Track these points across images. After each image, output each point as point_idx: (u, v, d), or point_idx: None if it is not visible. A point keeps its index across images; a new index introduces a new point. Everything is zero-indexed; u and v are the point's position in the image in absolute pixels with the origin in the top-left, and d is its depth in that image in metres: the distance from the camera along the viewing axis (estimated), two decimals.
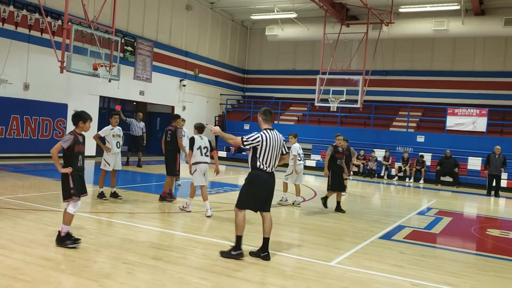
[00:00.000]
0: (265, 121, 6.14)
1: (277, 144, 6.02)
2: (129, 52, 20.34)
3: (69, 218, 5.97)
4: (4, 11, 15.34)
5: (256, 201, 6.02)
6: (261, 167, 5.97)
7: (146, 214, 8.52)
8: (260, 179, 5.99)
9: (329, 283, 5.27)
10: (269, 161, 5.98)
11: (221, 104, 27.28)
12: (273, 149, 5.98)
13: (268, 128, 6.10)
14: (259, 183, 5.99)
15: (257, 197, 6.01)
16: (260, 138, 5.94)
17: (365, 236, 7.97)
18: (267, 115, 6.15)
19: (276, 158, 6.07)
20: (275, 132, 6.09)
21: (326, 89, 20.55)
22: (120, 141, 9.82)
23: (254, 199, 6.01)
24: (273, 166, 6.06)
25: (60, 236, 5.94)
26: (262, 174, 5.98)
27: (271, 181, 6.08)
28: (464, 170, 19.16)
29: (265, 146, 5.93)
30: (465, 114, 20.69)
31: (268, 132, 6.03)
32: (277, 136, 6.09)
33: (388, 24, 20.59)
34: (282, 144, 6.13)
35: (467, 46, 23.84)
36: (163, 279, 4.99)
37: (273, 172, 6.10)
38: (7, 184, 10.83)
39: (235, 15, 27.50)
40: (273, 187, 6.13)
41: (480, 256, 7.37)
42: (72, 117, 6.37)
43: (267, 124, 6.14)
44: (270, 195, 6.14)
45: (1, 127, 15.37)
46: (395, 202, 13.79)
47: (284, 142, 6.22)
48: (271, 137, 6.00)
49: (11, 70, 15.58)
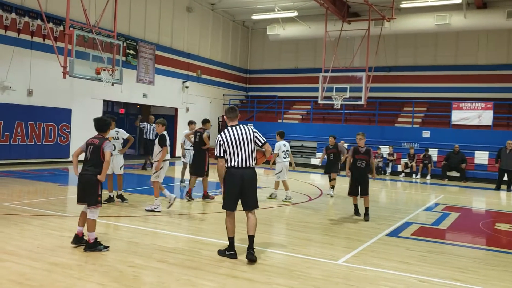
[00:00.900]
0: (228, 119, 6.13)
1: (243, 138, 5.93)
2: (131, 56, 20.38)
3: (94, 224, 6.13)
4: (7, 18, 15.40)
5: (232, 199, 5.95)
6: (230, 163, 5.92)
7: (151, 217, 8.52)
8: (230, 176, 5.93)
9: (336, 282, 5.24)
10: (237, 157, 5.90)
11: (224, 105, 27.26)
12: (239, 143, 5.90)
13: (232, 125, 6.07)
14: (229, 179, 5.93)
15: (231, 195, 5.93)
16: (220, 138, 5.97)
17: (372, 233, 7.93)
18: (229, 113, 6.16)
19: (247, 152, 5.94)
20: (239, 127, 6.02)
21: (329, 86, 20.46)
22: (116, 143, 9.53)
23: (230, 198, 5.95)
24: (246, 161, 5.93)
25: (90, 243, 6.02)
26: (231, 171, 5.92)
27: (245, 176, 5.93)
28: (471, 164, 19.04)
29: (227, 143, 5.90)
30: (470, 108, 20.56)
31: (229, 129, 6.01)
32: (243, 130, 6.00)
33: (389, 20, 20.49)
34: (251, 136, 6.00)
35: (470, 40, 23.70)
36: (169, 281, 4.98)
37: (248, 167, 5.95)
38: (13, 190, 10.86)
39: (236, 15, 27.49)
40: (248, 182, 5.96)
41: (488, 251, 7.31)
42: (104, 125, 6.48)
43: (231, 121, 6.11)
44: (247, 191, 5.97)
45: (6, 133, 15.44)
46: (402, 199, 13.72)
47: (257, 134, 6.08)
48: (233, 133, 5.95)
49: (14, 76, 15.64)
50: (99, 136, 6.36)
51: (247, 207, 6.03)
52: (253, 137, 6.03)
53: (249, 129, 6.08)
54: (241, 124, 6.09)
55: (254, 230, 5.95)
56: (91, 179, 6.08)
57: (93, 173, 6.09)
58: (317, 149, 22.26)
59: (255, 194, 6.09)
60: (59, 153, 17.14)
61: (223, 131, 6.00)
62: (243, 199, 5.99)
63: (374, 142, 21.12)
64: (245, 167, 5.93)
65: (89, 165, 6.16)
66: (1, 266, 5.25)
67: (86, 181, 6.10)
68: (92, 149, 6.19)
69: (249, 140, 5.98)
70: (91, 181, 6.07)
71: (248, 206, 6.03)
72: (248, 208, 6.03)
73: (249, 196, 6.01)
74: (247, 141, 5.96)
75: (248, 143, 5.97)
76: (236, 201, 5.98)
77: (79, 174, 6.23)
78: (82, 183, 6.14)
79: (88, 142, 6.31)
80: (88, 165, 6.17)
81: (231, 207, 5.99)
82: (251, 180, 6.01)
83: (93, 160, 6.15)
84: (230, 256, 5.93)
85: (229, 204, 5.99)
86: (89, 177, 6.10)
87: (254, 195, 6.07)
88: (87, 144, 6.31)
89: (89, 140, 6.33)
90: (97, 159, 6.14)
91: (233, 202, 5.98)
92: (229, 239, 5.99)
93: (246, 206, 6.03)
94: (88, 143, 6.30)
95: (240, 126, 6.03)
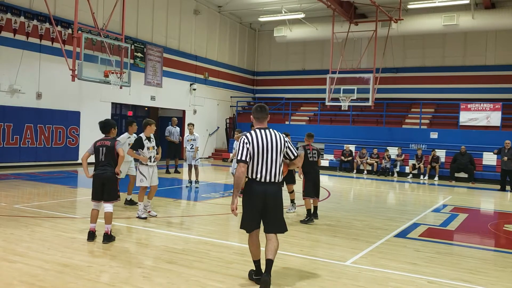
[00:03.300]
0: (256, 120, 5.09)
1: (271, 146, 4.90)
2: (139, 58, 20.49)
3: (112, 216, 6.71)
4: (15, 22, 15.56)
5: (252, 218, 4.95)
6: (252, 175, 4.92)
7: (159, 218, 8.56)
8: (250, 191, 4.93)
9: (344, 283, 5.25)
10: (261, 168, 4.88)
11: (232, 107, 27.33)
12: (266, 152, 4.88)
13: (260, 128, 5.03)
14: (249, 195, 4.94)
15: (251, 214, 4.94)
16: (246, 138, 4.92)
17: (380, 235, 7.92)
18: (257, 112, 5.08)
19: (274, 164, 4.92)
20: (269, 132, 4.98)
21: (337, 88, 20.46)
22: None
23: (249, 217, 4.96)
24: (270, 175, 4.90)
25: (108, 234, 6.55)
26: (253, 185, 4.91)
27: (268, 194, 4.90)
28: (479, 165, 18.93)
29: (252, 149, 4.87)
30: (478, 109, 20.45)
31: (257, 132, 4.96)
32: (273, 136, 4.97)
33: (397, 21, 20.46)
34: (282, 145, 4.98)
35: (479, 40, 23.59)
36: (178, 283, 5.02)
37: (272, 182, 4.92)
38: (23, 192, 10.97)
39: (243, 17, 27.56)
40: (272, 201, 4.93)
41: (497, 252, 7.28)
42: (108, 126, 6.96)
43: (259, 122, 5.07)
44: (270, 211, 4.94)
45: (16, 136, 15.58)
46: (410, 200, 13.67)
47: (290, 144, 5.09)
48: (261, 138, 4.91)
49: (23, 79, 15.79)
50: (107, 137, 6.83)
51: (270, 230, 5.00)
52: (283, 147, 5.00)
53: (281, 136, 5.03)
54: (272, 129, 5.04)
55: (274, 254, 4.94)
56: (111, 177, 6.64)
57: (111, 171, 6.65)
58: (325, 151, 22.25)
59: (281, 215, 5.06)
60: (68, 156, 17.27)
61: (250, 132, 4.98)
62: (266, 220, 4.99)
63: (381, 144, 21.10)
64: (270, 181, 4.91)
65: (105, 164, 6.66)
66: (13, 267, 5.31)
67: (107, 178, 6.61)
68: (105, 150, 6.67)
69: (279, 149, 4.95)
70: (111, 178, 6.63)
71: (270, 229, 5.00)
72: (269, 231, 5.01)
73: (273, 218, 4.98)
74: (276, 150, 4.93)
75: (277, 152, 4.94)
76: (257, 221, 4.97)
77: (96, 173, 6.65)
78: (102, 181, 6.60)
79: (98, 144, 6.74)
80: (103, 164, 6.66)
81: (250, 227, 4.99)
82: (276, 198, 4.97)
83: (109, 159, 6.67)
84: (257, 281, 5.04)
85: (248, 224, 4.99)
86: (109, 175, 6.62)
87: (280, 217, 5.03)
88: (97, 146, 6.73)
89: (98, 143, 6.75)
90: (113, 158, 6.69)
91: (254, 222, 4.97)
92: (254, 263, 5.12)
93: (268, 228, 5.00)
94: (98, 145, 6.73)
95: (271, 131, 4.99)
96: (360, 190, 15.50)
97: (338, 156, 21.29)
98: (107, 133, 6.87)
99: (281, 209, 5.04)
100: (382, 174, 19.82)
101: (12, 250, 5.99)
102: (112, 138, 6.81)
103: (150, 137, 8.50)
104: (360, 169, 20.37)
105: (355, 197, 13.79)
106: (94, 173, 6.66)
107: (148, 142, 8.43)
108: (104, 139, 6.78)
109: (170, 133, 17.08)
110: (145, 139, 8.40)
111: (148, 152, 8.40)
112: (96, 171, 6.67)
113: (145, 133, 8.46)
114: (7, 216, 8.08)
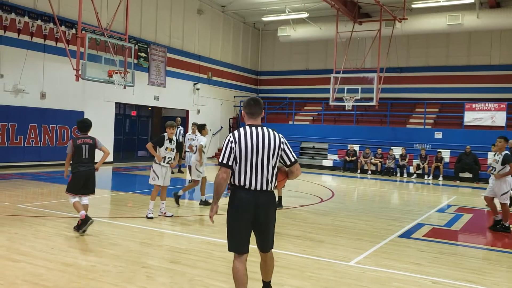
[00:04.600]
0: (248, 115, 4.20)
1: (263, 146, 4.02)
2: (143, 58, 20.52)
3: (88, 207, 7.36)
4: (20, 22, 15.60)
5: (240, 236, 4.05)
6: (239, 181, 4.03)
7: (162, 218, 8.57)
8: (238, 201, 4.03)
9: (348, 283, 5.24)
10: (250, 173, 4.00)
11: (235, 106, 27.34)
12: (256, 154, 4.00)
13: (252, 125, 4.14)
14: (237, 206, 4.04)
15: (240, 230, 4.05)
16: (231, 138, 4.06)
17: (384, 235, 7.90)
18: (250, 106, 4.18)
19: (266, 169, 4.03)
20: (261, 130, 4.09)
21: (341, 88, 20.44)
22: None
23: (237, 234, 4.07)
24: (262, 182, 4.01)
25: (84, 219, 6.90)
26: (240, 194, 4.03)
27: (260, 204, 4.02)
28: (484, 165, 18.84)
29: (238, 149, 4.01)
30: (483, 108, 20.37)
31: (246, 130, 4.07)
32: (265, 134, 4.07)
33: (401, 20, 20.38)
34: (276, 147, 4.08)
35: (483, 40, 23.48)
36: (182, 282, 5.02)
37: (265, 191, 4.04)
38: (27, 192, 11.00)
39: (247, 17, 27.55)
40: (264, 213, 4.05)
41: (502, 253, 7.25)
42: (88, 126, 7.48)
43: (252, 119, 4.17)
44: (262, 225, 4.09)
45: (20, 136, 15.63)
46: (414, 200, 13.64)
47: (286, 146, 4.17)
48: (250, 136, 4.02)
49: (27, 79, 15.84)
50: (86, 136, 7.32)
51: (262, 248, 4.23)
52: (278, 148, 4.11)
53: (276, 135, 4.15)
54: (266, 127, 4.19)
55: (271, 275, 4.40)
56: (94, 174, 7.23)
57: (93, 168, 7.23)
58: (328, 151, 22.22)
59: (272, 229, 4.25)
60: None
61: (237, 130, 4.12)
62: (257, 235, 4.18)
63: (386, 143, 21.04)
64: (261, 189, 4.03)
65: (89, 161, 7.20)
66: (16, 266, 5.33)
67: (92, 174, 7.20)
68: (88, 148, 7.18)
69: (271, 151, 4.06)
70: (94, 175, 7.24)
71: (262, 247, 4.23)
72: (263, 250, 4.24)
73: (265, 233, 4.16)
74: (269, 152, 4.04)
75: (271, 154, 4.05)
76: (247, 238, 4.09)
77: (83, 170, 7.10)
78: (87, 177, 7.13)
79: (79, 142, 7.19)
80: (87, 161, 7.18)
81: (241, 247, 4.06)
82: (268, 209, 4.11)
83: (92, 157, 7.23)
84: None
85: (236, 243, 4.07)
86: (93, 172, 7.22)
87: (271, 231, 4.23)
88: (78, 144, 7.16)
89: (79, 141, 7.20)
90: (94, 157, 7.26)
91: (243, 240, 4.07)
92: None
93: (260, 246, 4.23)
94: (79, 143, 7.17)
95: (264, 129, 4.12)
96: (364, 190, 15.47)
97: (342, 156, 21.25)
98: (86, 132, 7.36)
99: (273, 222, 4.21)
100: (386, 174, 19.77)
101: (16, 249, 6.00)
102: (92, 137, 7.32)
103: (172, 138, 8.54)
104: (364, 169, 20.33)
105: (359, 197, 13.76)
106: (80, 170, 7.09)
107: (169, 143, 8.49)
108: (84, 137, 7.27)
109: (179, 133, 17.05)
110: (167, 139, 8.48)
111: (165, 152, 8.44)
112: (80, 167, 7.11)
113: (168, 134, 8.53)
114: (11, 215, 8.10)
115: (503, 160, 8.52)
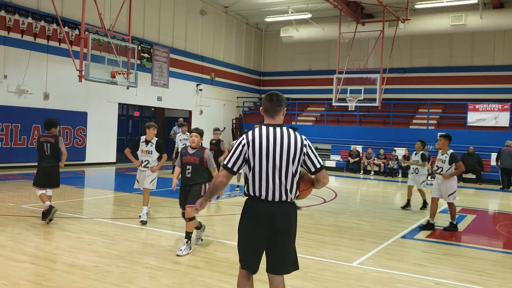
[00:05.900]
0: (266, 114, 3.61)
1: (281, 149, 3.44)
2: (145, 59, 20.55)
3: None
4: (23, 23, 15.65)
5: (252, 252, 3.57)
6: (253, 191, 3.50)
7: (165, 219, 8.57)
8: (251, 212, 3.53)
9: (350, 284, 5.23)
10: (266, 181, 3.44)
11: (238, 107, 27.34)
12: (273, 158, 3.43)
13: (270, 124, 3.57)
14: (249, 219, 3.55)
15: (251, 246, 3.56)
16: (244, 140, 3.52)
17: (387, 236, 7.88)
18: (268, 102, 3.59)
19: (285, 176, 3.44)
20: (280, 131, 3.51)
21: (344, 88, 20.43)
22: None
23: (249, 250, 3.59)
24: (280, 191, 3.45)
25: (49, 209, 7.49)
26: (253, 204, 3.52)
27: (277, 217, 3.46)
28: (487, 166, 18.79)
29: (252, 153, 3.47)
30: (486, 109, 20.32)
31: (263, 130, 3.51)
32: (285, 137, 3.49)
33: (404, 21, 20.37)
34: (297, 151, 3.48)
35: (487, 40, 23.42)
36: (184, 283, 5.02)
37: (283, 202, 3.47)
38: (30, 193, 11.00)
39: (250, 18, 27.56)
40: (281, 227, 3.48)
41: (506, 254, 7.22)
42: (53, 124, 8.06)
43: (270, 117, 3.59)
44: (277, 242, 3.50)
45: (23, 136, 15.67)
46: (417, 201, 13.59)
47: (311, 149, 3.55)
48: (267, 138, 3.46)
49: (31, 80, 15.88)
50: (49, 134, 7.84)
51: (274, 269, 3.58)
52: (300, 152, 3.51)
53: (298, 137, 3.54)
54: (286, 127, 3.60)
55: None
56: (57, 170, 7.91)
57: (56, 164, 7.89)
58: (331, 151, 22.19)
59: (291, 247, 3.59)
60: (75, 156, 17.32)
61: (252, 130, 3.56)
62: (269, 254, 3.56)
63: (389, 144, 21.01)
64: (280, 200, 3.47)
65: (51, 158, 7.82)
66: (20, 267, 5.34)
67: (54, 170, 7.86)
68: (50, 146, 7.76)
69: (293, 155, 3.47)
70: (57, 170, 7.91)
71: (274, 267, 3.57)
72: (275, 271, 3.59)
73: (279, 252, 3.53)
74: (288, 156, 3.46)
75: (290, 159, 3.46)
76: (259, 255, 3.58)
77: (45, 166, 7.77)
78: (49, 173, 7.79)
79: (42, 140, 7.78)
80: (49, 158, 7.80)
81: (252, 265, 3.59)
82: (287, 223, 3.52)
83: (54, 154, 7.83)
84: None
85: (250, 261, 3.59)
86: (55, 168, 7.88)
87: (289, 250, 3.57)
88: (40, 142, 7.75)
89: (42, 139, 7.80)
90: (57, 154, 7.88)
91: (255, 257, 3.58)
92: None
93: (271, 267, 3.57)
94: (42, 141, 7.76)
95: (283, 129, 3.53)
96: (367, 190, 15.45)
97: (345, 157, 21.23)
98: (48, 130, 7.87)
99: (292, 238, 3.58)
100: (389, 175, 19.73)
101: (19, 249, 6.02)
102: (55, 135, 7.86)
103: (150, 140, 8.09)
104: (367, 169, 20.29)
105: (362, 198, 13.74)
106: (43, 165, 7.75)
107: (145, 145, 8.06)
108: (47, 136, 7.83)
109: (175, 133, 17.07)
110: (143, 141, 8.08)
111: (141, 155, 8.08)
112: (43, 163, 7.76)
113: (146, 136, 8.12)
114: (15, 216, 8.13)
115: (450, 159, 8.61)
